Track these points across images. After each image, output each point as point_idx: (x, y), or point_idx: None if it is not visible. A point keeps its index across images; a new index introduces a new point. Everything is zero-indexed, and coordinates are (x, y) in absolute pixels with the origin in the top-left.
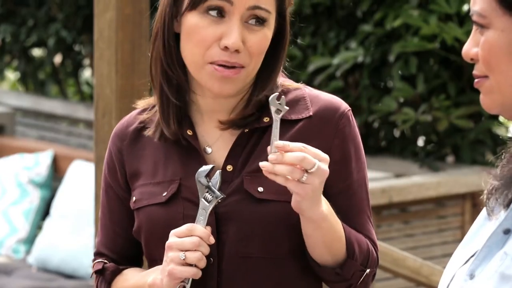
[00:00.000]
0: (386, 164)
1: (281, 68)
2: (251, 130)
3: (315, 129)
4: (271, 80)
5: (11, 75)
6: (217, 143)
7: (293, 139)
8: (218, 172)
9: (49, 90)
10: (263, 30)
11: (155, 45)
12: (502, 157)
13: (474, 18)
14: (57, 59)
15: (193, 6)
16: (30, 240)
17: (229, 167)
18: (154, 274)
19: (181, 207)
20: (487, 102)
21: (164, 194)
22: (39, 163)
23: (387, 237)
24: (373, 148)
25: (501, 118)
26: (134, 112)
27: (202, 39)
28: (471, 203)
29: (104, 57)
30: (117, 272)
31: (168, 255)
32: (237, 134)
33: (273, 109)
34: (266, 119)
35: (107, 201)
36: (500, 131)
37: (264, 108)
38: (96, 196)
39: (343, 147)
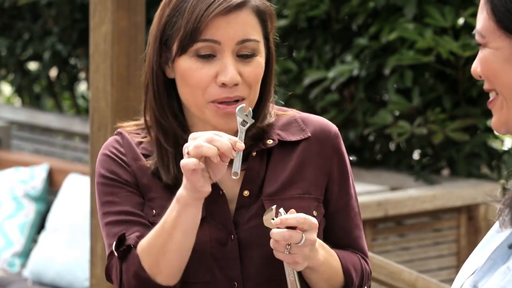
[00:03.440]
0: (382, 177)
1: (272, 94)
2: (259, 152)
3: (315, 150)
4: (262, 111)
5: (7, 89)
6: (225, 172)
7: (298, 162)
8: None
9: (44, 103)
10: (255, 58)
11: (147, 95)
12: None
13: (476, 37)
14: (53, 72)
15: (182, 51)
16: (25, 254)
17: (246, 193)
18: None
19: (208, 230)
20: (495, 120)
21: None
22: (34, 176)
23: (382, 250)
24: (368, 161)
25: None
26: (124, 132)
27: (198, 81)
28: (467, 216)
29: (100, 70)
30: (142, 238)
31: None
32: (242, 162)
33: (239, 120)
34: (269, 141)
35: (122, 198)
36: (495, 144)
37: (260, 135)
38: (91, 210)
39: (341, 165)
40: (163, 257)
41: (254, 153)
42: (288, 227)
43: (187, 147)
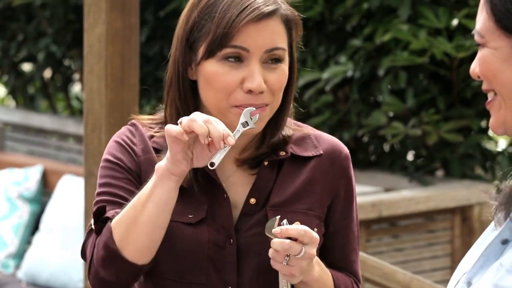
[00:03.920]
0: (376, 178)
1: (291, 104)
2: (270, 162)
3: (324, 168)
4: (283, 119)
5: (1, 90)
6: (234, 176)
7: (308, 178)
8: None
9: (38, 104)
10: (281, 66)
11: (169, 94)
12: None
13: (475, 37)
14: (47, 73)
15: (210, 55)
16: (19, 255)
17: (252, 200)
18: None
19: (206, 232)
20: (493, 121)
21: (190, 216)
22: (28, 178)
23: (376, 251)
24: (362, 162)
25: (490, 132)
26: (138, 124)
27: (224, 85)
28: (461, 217)
29: (94, 71)
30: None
31: None
32: (254, 168)
33: (242, 119)
34: (282, 153)
35: (119, 182)
36: (489, 146)
37: (277, 145)
38: (86, 210)
39: (348, 187)
40: (133, 229)
41: (266, 163)
42: (288, 239)
43: (182, 118)
